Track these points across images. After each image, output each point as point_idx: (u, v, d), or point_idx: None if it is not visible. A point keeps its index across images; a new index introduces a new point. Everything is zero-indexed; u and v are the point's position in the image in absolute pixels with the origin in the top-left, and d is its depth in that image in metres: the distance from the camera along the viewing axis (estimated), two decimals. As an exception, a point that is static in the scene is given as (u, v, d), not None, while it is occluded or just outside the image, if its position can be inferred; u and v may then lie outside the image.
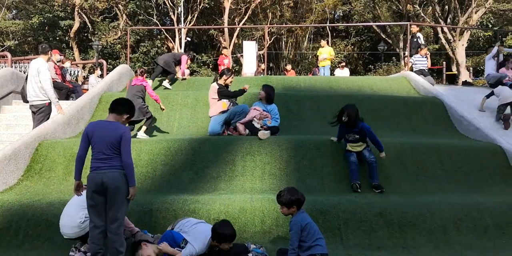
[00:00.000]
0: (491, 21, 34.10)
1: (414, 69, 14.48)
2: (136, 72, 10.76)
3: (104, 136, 5.23)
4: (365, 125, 7.79)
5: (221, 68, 18.42)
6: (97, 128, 5.33)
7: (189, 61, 13.68)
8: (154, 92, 10.58)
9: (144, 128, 9.86)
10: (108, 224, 5.25)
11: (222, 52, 19.43)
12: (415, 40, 16.23)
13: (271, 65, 40.24)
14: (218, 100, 9.41)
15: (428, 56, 15.02)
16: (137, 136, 9.60)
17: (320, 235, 5.29)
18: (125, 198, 5.25)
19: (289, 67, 23.46)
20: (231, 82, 9.64)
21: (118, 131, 5.25)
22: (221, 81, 9.53)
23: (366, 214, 6.63)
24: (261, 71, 20.74)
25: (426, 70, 14.59)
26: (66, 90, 13.32)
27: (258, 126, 9.00)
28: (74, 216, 5.62)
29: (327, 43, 19.25)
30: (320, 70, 18.68)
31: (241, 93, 9.50)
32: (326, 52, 18.38)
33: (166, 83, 13.00)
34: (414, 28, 16.61)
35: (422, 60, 14.63)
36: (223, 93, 9.38)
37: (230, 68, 17.60)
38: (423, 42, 15.90)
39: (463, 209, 6.81)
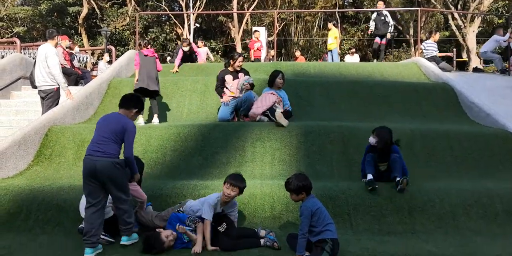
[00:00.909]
0: (506, 8, 33.69)
1: (426, 56, 14.31)
2: (140, 44, 10.72)
3: (107, 123, 5.52)
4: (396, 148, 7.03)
5: (251, 52, 18.93)
6: (105, 117, 5.68)
7: (184, 48, 13.98)
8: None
9: (155, 113, 9.83)
10: (115, 202, 5.50)
11: (254, 35, 19.33)
12: (382, 18, 15.71)
13: (282, 51, 40.04)
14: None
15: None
16: (152, 123, 9.58)
17: (331, 220, 5.28)
18: (123, 182, 5.44)
19: (298, 53, 23.25)
20: (238, 66, 9.54)
21: (122, 121, 5.52)
22: (230, 67, 9.49)
23: (375, 199, 6.61)
24: (271, 57, 20.67)
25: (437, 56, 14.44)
26: (75, 76, 13.33)
27: (279, 111, 8.79)
28: None
29: (334, 25, 18.92)
30: (328, 54, 18.50)
31: (219, 93, 9.56)
32: (331, 35, 18.17)
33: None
34: (380, 4, 16.18)
35: (433, 46, 14.44)
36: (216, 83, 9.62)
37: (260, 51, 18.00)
38: (391, 21, 15.54)
39: (473, 195, 6.76)
